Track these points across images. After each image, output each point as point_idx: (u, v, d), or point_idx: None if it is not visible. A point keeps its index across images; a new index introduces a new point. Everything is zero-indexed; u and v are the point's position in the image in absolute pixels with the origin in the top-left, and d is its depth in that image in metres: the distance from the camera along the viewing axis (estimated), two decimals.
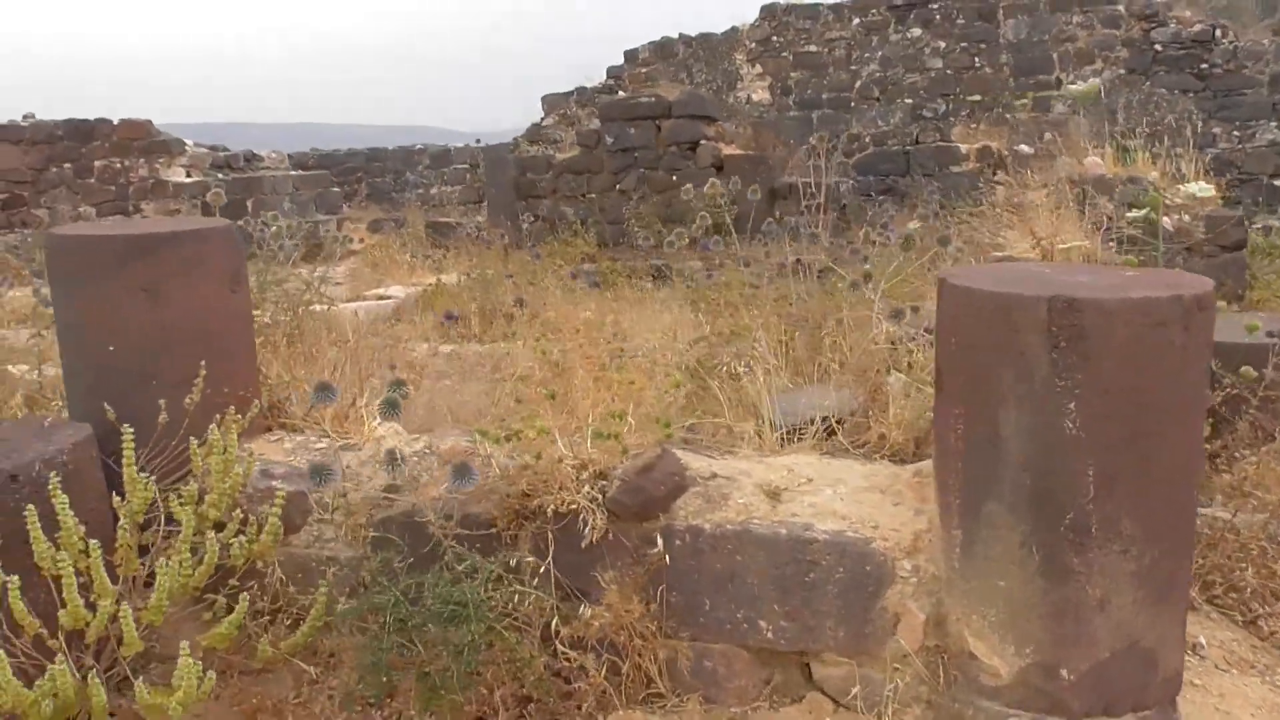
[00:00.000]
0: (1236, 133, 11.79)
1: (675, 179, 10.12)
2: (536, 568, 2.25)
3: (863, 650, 2.18)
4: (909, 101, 13.57)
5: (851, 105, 13.86)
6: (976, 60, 13.18)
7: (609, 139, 10.25)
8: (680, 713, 2.28)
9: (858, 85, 13.83)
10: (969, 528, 2.03)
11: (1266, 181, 11.47)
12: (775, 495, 2.35)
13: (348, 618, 2.26)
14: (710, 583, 2.30)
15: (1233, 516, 2.62)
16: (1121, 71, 12.41)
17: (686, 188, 4.99)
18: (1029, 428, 1.90)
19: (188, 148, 11.59)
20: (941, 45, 13.34)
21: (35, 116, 11.36)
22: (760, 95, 14.28)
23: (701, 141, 9.96)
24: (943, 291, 2.07)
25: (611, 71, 15.44)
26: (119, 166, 11.24)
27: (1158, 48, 12.27)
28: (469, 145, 16.52)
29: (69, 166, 11.29)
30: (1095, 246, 4.03)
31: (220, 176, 11.63)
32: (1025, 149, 9.06)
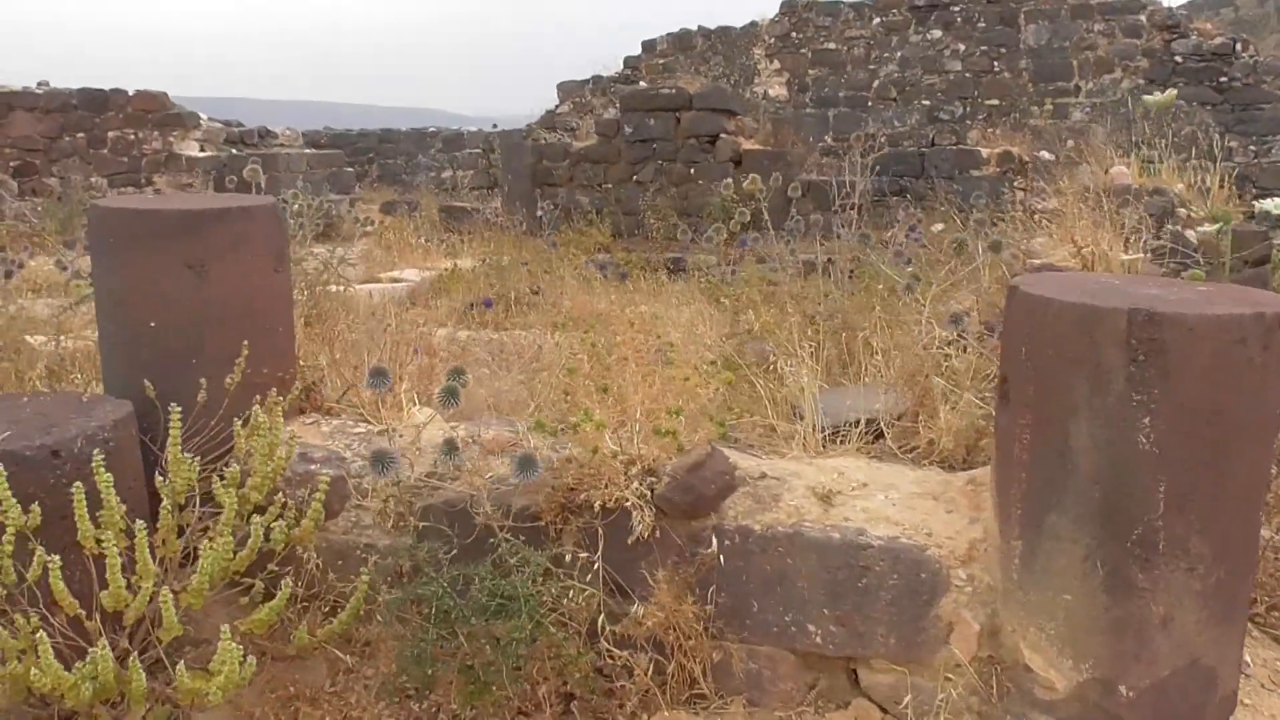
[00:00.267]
0: (1253, 147, 11.76)
1: (693, 172, 10.09)
2: (587, 563, 2.21)
3: (914, 658, 2.16)
4: (926, 103, 13.52)
5: (868, 105, 13.81)
6: (996, 64, 13.13)
7: (628, 129, 10.20)
8: (724, 715, 2.25)
9: (875, 85, 13.77)
10: (1030, 539, 2.01)
11: None
12: (827, 498, 2.32)
13: (393, 608, 2.23)
14: (759, 584, 2.28)
15: (1275, 534, 2.60)
16: (1141, 81, 12.37)
17: (727, 182, 4.94)
18: (1101, 441, 1.87)
19: (202, 122, 11.51)
20: (961, 48, 13.29)
21: (50, 84, 11.28)
22: (777, 91, 14.22)
23: (721, 136, 9.92)
24: (1013, 299, 2.04)
25: (629, 61, 15.38)
26: (132, 138, 11.17)
27: (1178, 59, 12.23)
28: (482, 130, 16.44)
29: (82, 136, 11.22)
30: (1136, 258, 4.00)
31: (234, 152, 11.57)
32: (1047, 155, 9.03)
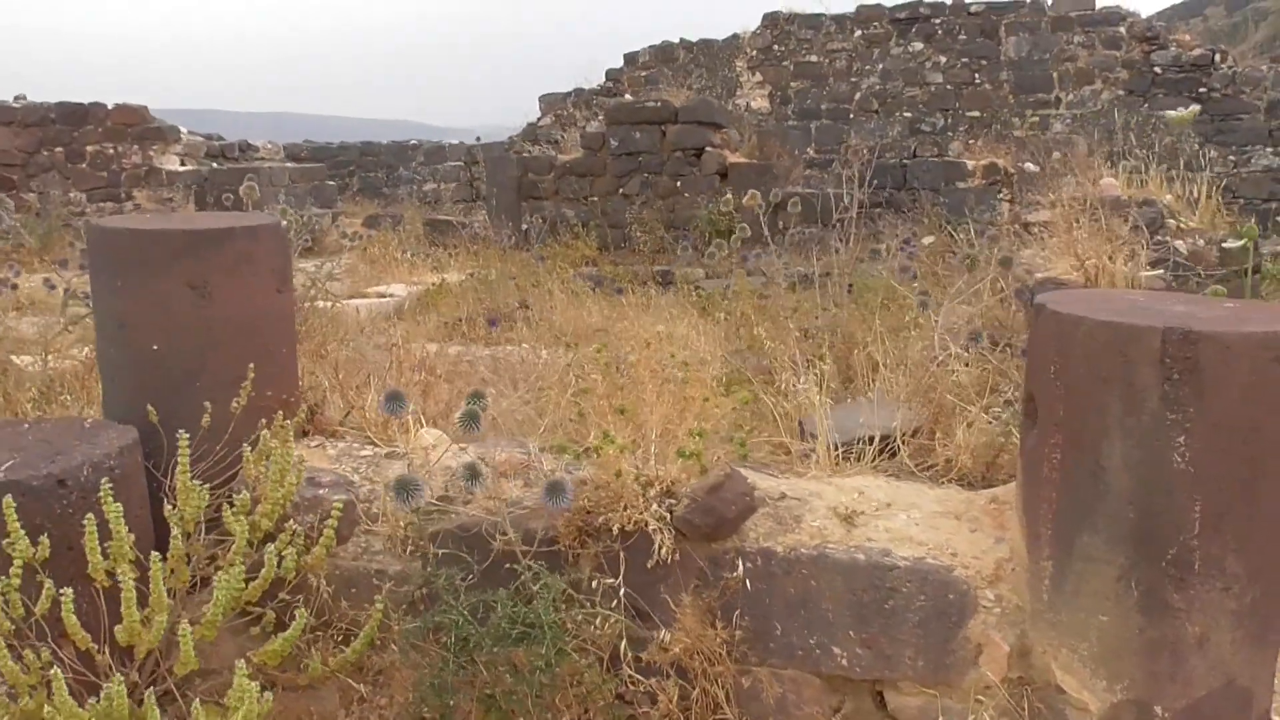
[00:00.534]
0: (1232, 157, 11.90)
1: (679, 185, 10.08)
2: (609, 587, 2.18)
3: (943, 680, 2.13)
4: (908, 115, 13.60)
5: (850, 117, 13.88)
6: (977, 76, 13.23)
7: (613, 142, 10.18)
8: None
9: (857, 97, 13.84)
10: (1061, 559, 1.99)
11: (1260, 206, 11.58)
12: (849, 519, 2.29)
13: (411, 637, 2.18)
14: (782, 607, 2.24)
15: None
16: (1121, 92, 12.50)
17: (726, 198, 4.93)
18: (1134, 461, 1.85)
19: (183, 135, 11.40)
20: (942, 60, 13.39)
21: (27, 98, 11.14)
22: (759, 103, 14.27)
23: (707, 149, 9.92)
24: (1040, 317, 2.03)
25: (610, 74, 15.39)
26: (112, 152, 11.05)
27: (1157, 70, 12.37)
28: (463, 142, 16.40)
29: (60, 150, 11.08)
30: (1157, 273, 4.01)
31: (215, 166, 11.47)
32: (1031, 167, 9.09)
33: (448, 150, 16.07)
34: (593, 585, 2.28)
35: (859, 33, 13.81)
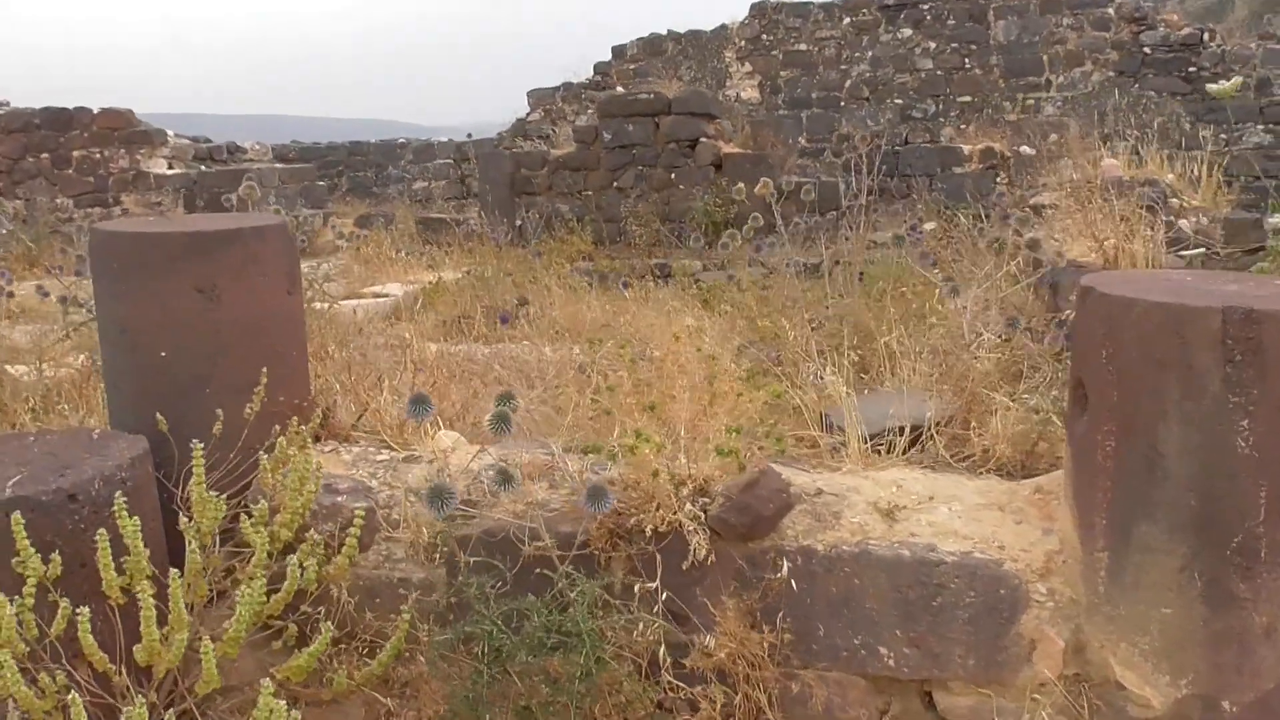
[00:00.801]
0: (1224, 135, 11.87)
1: (674, 177, 9.99)
2: (647, 591, 2.10)
3: (995, 679, 2.07)
4: (899, 102, 13.54)
5: (841, 105, 13.81)
6: (967, 61, 13.18)
7: (606, 135, 10.09)
8: None
9: (847, 85, 13.77)
10: (1117, 550, 1.92)
11: (1255, 184, 11.56)
12: (890, 514, 2.22)
13: (441, 648, 2.10)
14: (824, 607, 2.17)
15: None
16: (1110, 74, 12.47)
17: (739, 187, 4.83)
18: (1194, 446, 1.79)
19: (170, 138, 11.26)
20: (932, 46, 13.33)
21: (10, 104, 10.97)
22: (749, 93, 14.18)
23: (701, 139, 9.83)
24: (1087, 300, 1.96)
25: (599, 67, 15.27)
26: (98, 157, 10.89)
27: (1146, 50, 12.34)
28: (453, 140, 16.26)
29: (46, 156, 10.92)
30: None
31: (203, 168, 11.33)
32: (1028, 150, 9.04)
33: (437, 148, 15.93)
34: (626, 589, 2.21)
35: (847, 20, 13.73)
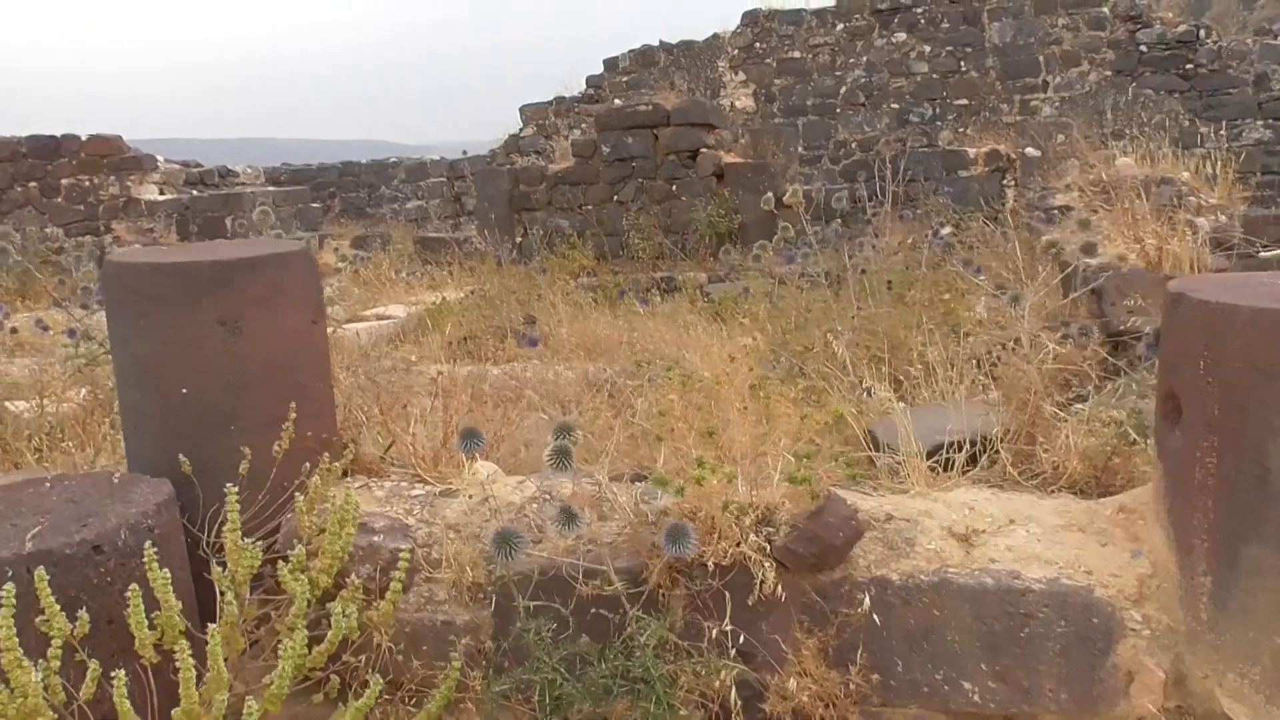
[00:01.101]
0: (1223, 132, 11.83)
1: (675, 189, 9.89)
2: (717, 631, 1.97)
3: (1090, 713, 1.94)
4: (895, 107, 13.48)
5: (837, 111, 13.74)
6: (962, 64, 13.13)
7: (605, 149, 9.98)
8: None
9: (843, 91, 13.71)
10: (1222, 574, 1.80)
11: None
12: (967, 539, 2.10)
13: (499, 699, 1.96)
14: (902, 641, 2.05)
15: None
16: (1108, 73, 12.43)
17: (767, 196, 4.71)
18: None
19: (160, 164, 11.11)
20: (927, 49, 13.27)
21: None
22: (744, 102, 14.11)
23: (702, 150, 9.73)
24: (1180, 308, 1.84)
25: (591, 80, 15.19)
26: (88, 184, 10.73)
27: (1143, 49, 12.30)
28: (445, 158, 16.16)
29: (34, 185, 10.76)
30: (1195, 250, 3.86)
31: (195, 193, 11.18)
32: (1033, 152, 8.96)
33: (429, 167, 15.81)
34: (688, 628, 2.08)
35: (841, 26, 13.68)
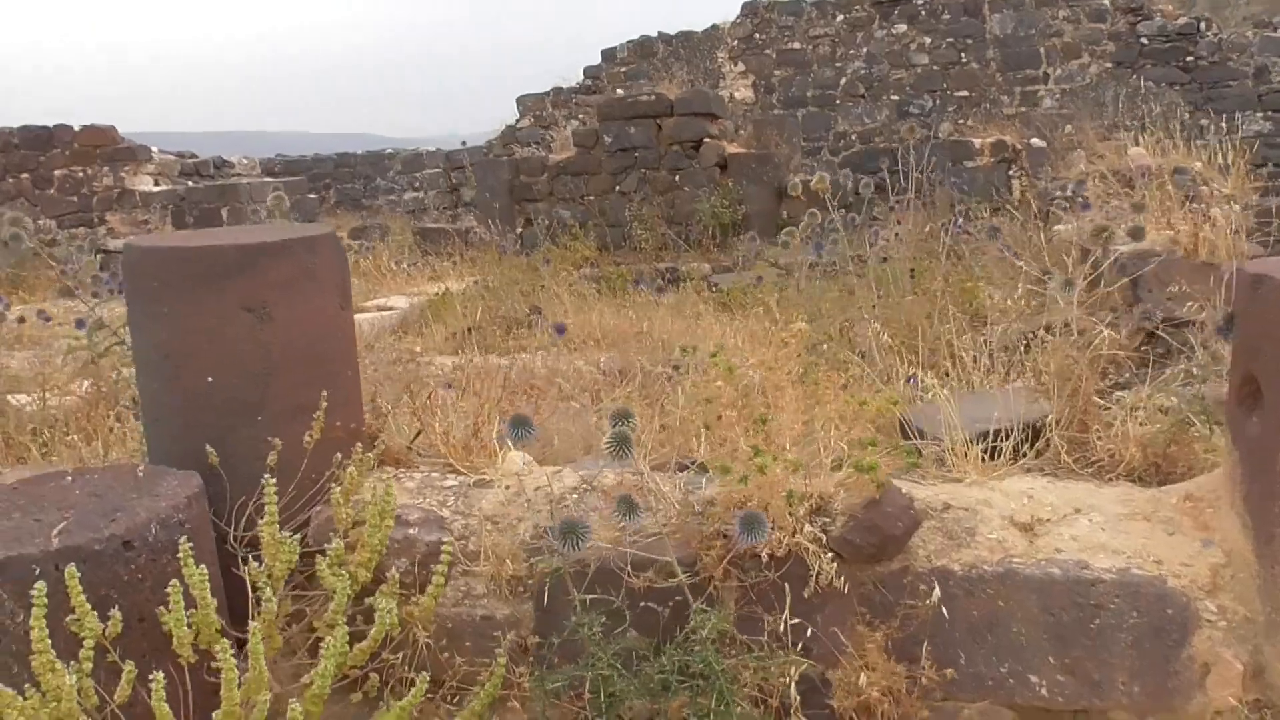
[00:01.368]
0: (1223, 124, 11.79)
1: (678, 179, 9.81)
2: (787, 626, 1.90)
3: (1164, 707, 1.88)
4: (895, 98, 13.42)
5: (837, 103, 13.67)
6: (963, 56, 13.07)
7: (607, 139, 9.89)
8: None
9: (843, 82, 13.64)
10: None
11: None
12: (1029, 529, 2.03)
13: (552, 697, 1.89)
14: (965, 633, 1.98)
15: None
16: (1108, 65, 12.39)
17: (794, 182, 4.62)
18: None
19: (154, 155, 10.97)
20: (927, 41, 13.21)
21: None
22: (743, 94, 14.02)
23: (705, 140, 9.65)
24: (1260, 290, 1.77)
25: (589, 71, 15.08)
26: (81, 175, 10.59)
27: (1144, 41, 12.27)
28: (441, 149, 16.03)
29: (26, 176, 10.61)
30: (1222, 237, 3.81)
31: (190, 184, 11.05)
32: (1038, 143, 8.91)
33: (425, 158, 15.69)
34: (741, 621, 2.01)
35: (841, 17, 13.60)
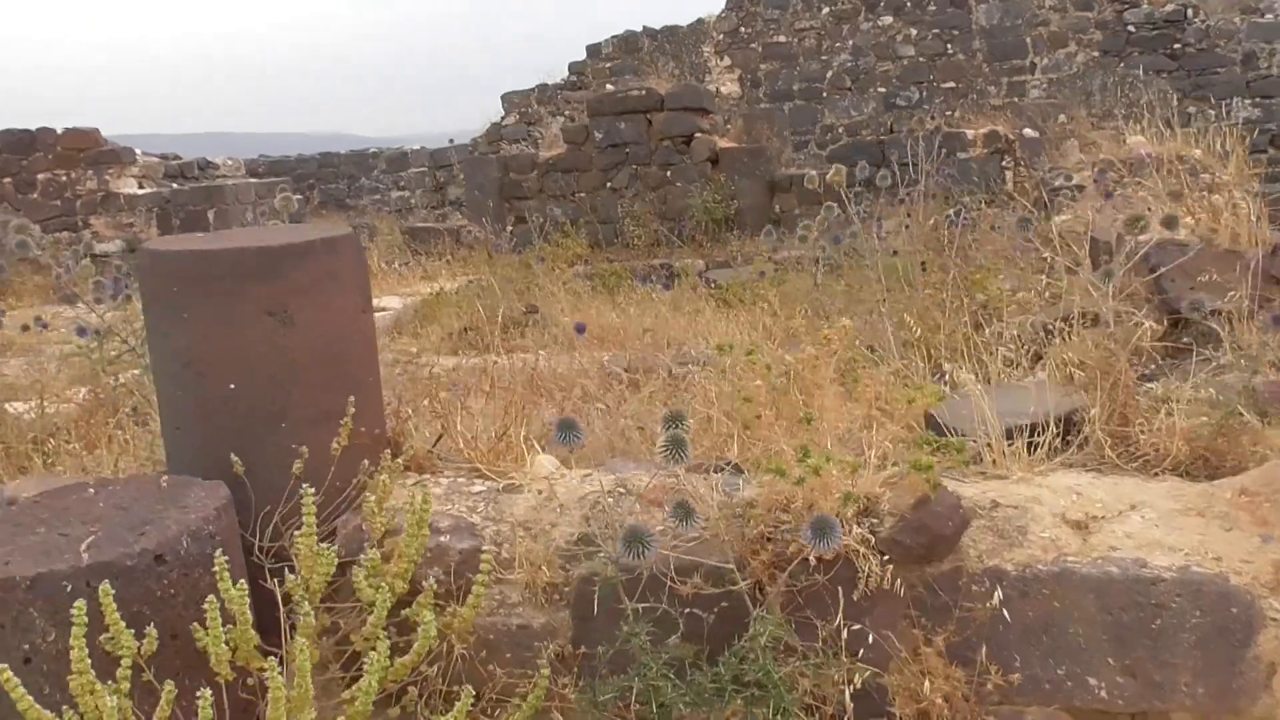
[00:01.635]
0: (1211, 110, 11.84)
1: (670, 175, 9.75)
2: (841, 631, 1.85)
3: (1229, 709, 1.84)
4: (882, 90, 13.40)
5: (823, 96, 13.65)
6: (949, 47, 13.07)
7: (598, 135, 9.82)
8: None
9: (829, 75, 13.61)
10: None
11: None
12: (1083, 526, 1.99)
13: (604, 709, 1.83)
14: (1019, 635, 1.94)
15: None
16: (1096, 54, 12.42)
17: (810, 175, 4.54)
18: None
19: (138, 157, 10.82)
20: (913, 32, 13.21)
21: None
22: (729, 88, 13.98)
23: (696, 135, 9.60)
24: None
25: (574, 67, 14.99)
26: (65, 179, 10.43)
27: (1130, 29, 12.30)
28: (424, 148, 15.90)
29: (9, 181, 10.44)
30: (1244, 224, 3.79)
31: (175, 186, 10.91)
32: (1030, 133, 8.91)
33: (410, 157, 15.56)
34: (789, 626, 1.96)
35: (826, 10, 13.57)
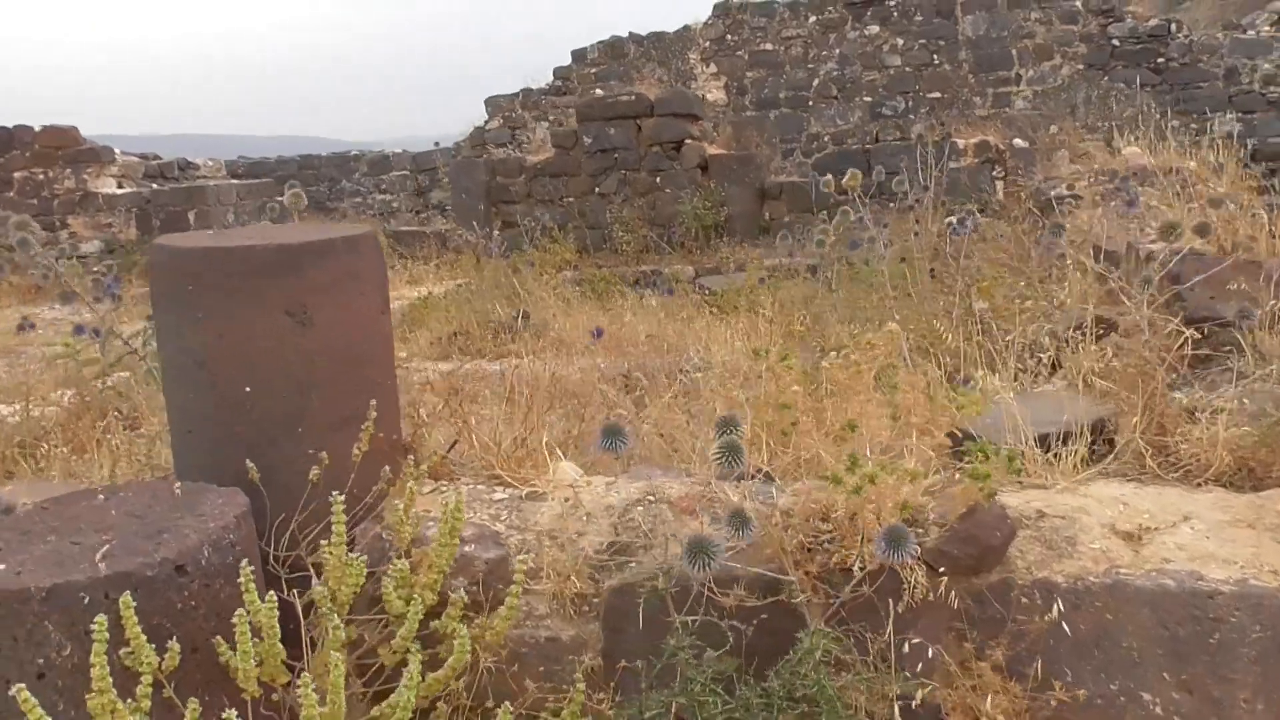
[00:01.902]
0: (1194, 125, 11.96)
1: (659, 181, 9.70)
2: (890, 644, 1.79)
3: None
4: (868, 100, 13.44)
5: (809, 104, 13.66)
6: (935, 57, 13.13)
7: (587, 139, 9.75)
8: None
9: (815, 84, 13.63)
10: None
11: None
12: (1134, 537, 1.94)
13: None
14: (1070, 648, 1.88)
15: None
16: (1080, 67, 12.51)
17: (827, 179, 4.49)
18: None
19: (118, 156, 10.63)
20: (900, 42, 13.25)
21: None
22: (715, 95, 13.96)
23: (686, 141, 9.55)
24: None
25: (559, 72, 14.93)
26: (42, 178, 10.22)
27: (1115, 42, 12.41)
28: (406, 150, 15.77)
29: None
30: (1261, 234, 3.78)
31: (155, 187, 10.72)
32: (1020, 143, 8.94)
33: (392, 160, 15.42)
34: (852, 640, 1.90)
35: (813, 19, 13.60)
